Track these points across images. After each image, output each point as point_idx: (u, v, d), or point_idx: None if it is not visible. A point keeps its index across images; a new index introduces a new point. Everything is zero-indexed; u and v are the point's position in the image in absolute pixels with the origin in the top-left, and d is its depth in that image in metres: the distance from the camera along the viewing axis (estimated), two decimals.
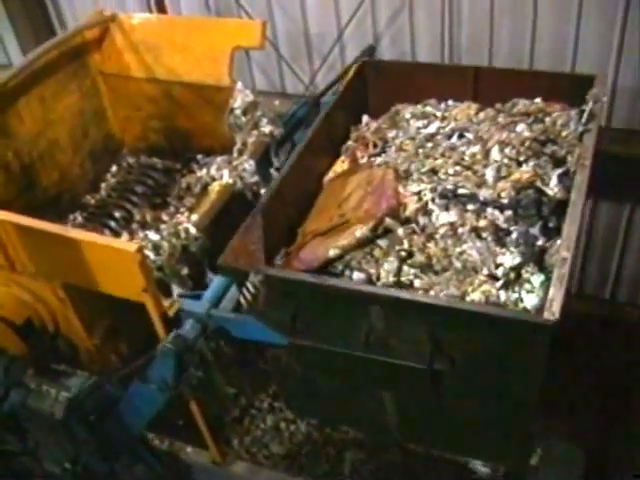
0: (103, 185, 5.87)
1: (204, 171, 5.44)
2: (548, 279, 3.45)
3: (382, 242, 3.92)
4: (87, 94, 5.80)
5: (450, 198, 4.09)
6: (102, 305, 4.40)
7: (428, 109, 4.89)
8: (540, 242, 3.76)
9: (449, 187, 4.13)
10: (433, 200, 4.09)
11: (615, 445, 6.44)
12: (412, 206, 4.09)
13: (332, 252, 3.89)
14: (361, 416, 4.35)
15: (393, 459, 5.80)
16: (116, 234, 5.20)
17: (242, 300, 3.82)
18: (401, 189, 4.22)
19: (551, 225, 3.86)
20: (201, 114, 5.55)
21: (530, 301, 3.48)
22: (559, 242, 3.52)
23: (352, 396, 4.08)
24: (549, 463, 5.64)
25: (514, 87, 4.72)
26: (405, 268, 3.77)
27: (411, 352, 3.44)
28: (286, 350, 3.92)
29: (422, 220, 4.03)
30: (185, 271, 4.57)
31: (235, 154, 5.20)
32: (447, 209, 4.04)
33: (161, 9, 7.58)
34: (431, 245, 3.88)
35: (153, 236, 4.69)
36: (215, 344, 4.45)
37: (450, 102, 4.94)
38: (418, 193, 4.16)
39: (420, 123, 4.81)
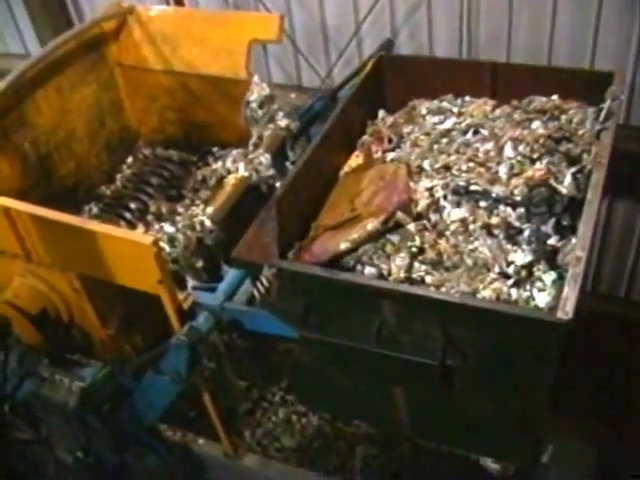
0: (119, 176, 5.88)
1: (220, 164, 5.44)
2: (560, 278, 3.45)
3: (394, 237, 3.91)
4: (104, 85, 5.81)
5: (462, 194, 4.07)
6: (117, 296, 4.42)
7: (445, 104, 4.87)
8: (552, 240, 3.74)
9: (461, 183, 4.11)
10: (445, 197, 4.08)
11: (628, 444, 6.43)
12: (424, 202, 4.08)
13: (343, 245, 3.89)
14: (372, 410, 4.34)
15: (404, 454, 5.80)
16: (131, 225, 5.21)
17: (256, 293, 3.82)
18: (413, 185, 4.21)
19: (565, 223, 3.84)
20: (218, 107, 5.55)
21: (542, 299, 3.47)
22: (574, 241, 3.51)
23: (363, 391, 4.07)
24: (560, 461, 5.63)
25: (531, 83, 4.69)
26: (416, 264, 3.77)
27: (423, 348, 3.43)
28: (298, 343, 3.93)
29: (434, 216, 4.03)
30: (200, 264, 4.57)
31: (251, 147, 5.19)
32: (459, 205, 4.03)
33: (179, 1, 7.59)
34: (442, 241, 3.88)
35: (168, 228, 4.69)
36: (228, 337, 4.47)
37: (467, 98, 4.91)
38: (430, 189, 4.15)
39: (436, 119, 4.79)
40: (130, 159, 6.01)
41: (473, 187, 4.06)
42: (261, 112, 5.17)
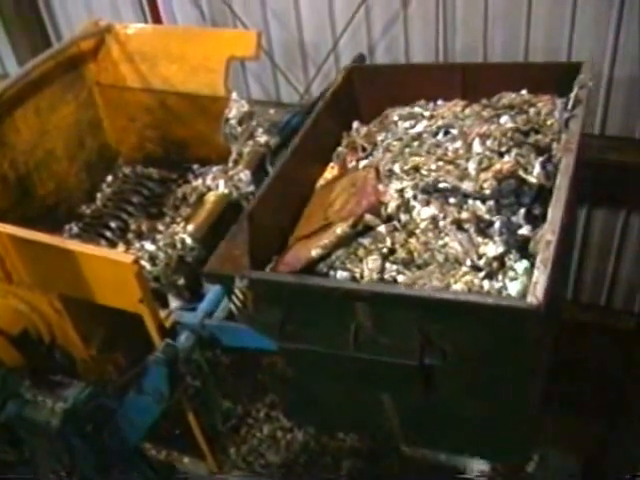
0: (99, 195, 5.88)
1: (200, 181, 5.44)
2: (533, 266, 3.38)
3: (365, 241, 3.90)
4: (83, 104, 5.81)
5: (431, 193, 4.05)
6: (99, 316, 4.39)
7: (416, 110, 4.85)
8: (524, 230, 3.71)
9: (430, 182, 4.10)
10: (415, 197, 4.05)
11: (613, 452, 6.45)
12: (393, 203, 4.05)
13: (314, 252, 3.87)
14: (361, 420, 4.31)
15: (390, 467, 5.80)
16: (112, 244, 5.20)
17: (232, 307, 3.81)
18: (383, 188, 4.19)
19: (536, 213, 3.81)
20: (197, 124, 5.56)
21: (514, 288, 3.41)
22: (545, 227, 3.46)
23: (349, 399, 4.06)
24: (545, 470, 5.65)
25: (502, 81, 4.68)
26: (388, 265, 3.74)
27: (401, 349, 3.42)
28: (279, 356, 3.94)
29: (404, 217, 4.00)
30: (181, 282, 4.57)
31: (231, 164, 5.20)
32: (428, 204, 4.00)
33: (156, 19, 7.59)
34: (413, 240, 3.85)
35: (149, 246, 4.69)
36: (212, 354, 4.46)
37: (440, 102, 4.91)
38: (400, 191, 4.12)
39: (407, 124, 4.77)
40: (110, 178, 6.00)
41: (442, 185, 4.04)
42: (240, 129, 5.19)
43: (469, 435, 3.95)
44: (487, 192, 3.89)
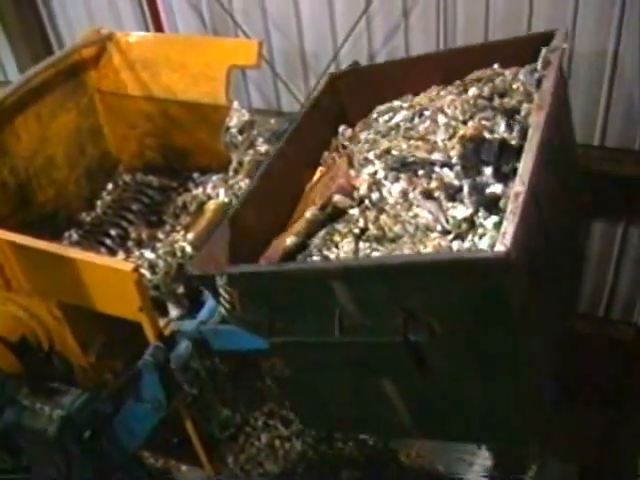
0: (99, 203, 5.89)
1: (200, 189, 5.45)
2: (502, 221, 3.26)
3: (339, 226, 3.91)
4: (84, 112, 5.83)
5: (400, 169, 4.07)
6: (98, 323, 4.40)
7: (395, 103, 4.81)
8: (493, 189, 3.66)
9: (399, 158, 4.12)
10: (386, 177, 4.06)
11: (612, 462, 6.44)
12: (364, 185, 4.06)
13: (289, 240, 3.89)
14: (371, 415, 4.17)
15: (389, 476, 5.79)
16: (112, 252, 5.21)
17: (221, 309, 3.80)
18: (355, 173, 4.21)
19: (506, 170, 3.76)
20: (197, 132, 5.58)
21: (483, 244, 3.38)
22: (516, 180, 3.35)
23: (353, 394, 3.95)
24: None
25: (484, 61, 4.62)
26: (361, 244, 3.75)
27: (387, 328, 3.34)
28: (271, 354, 3.93)
29: (374, 196, 4.00)
30: (181, 290, 4.58)
31: (231, 173, 5.22)
32: (397, 180, 4.01)
33: (158, 27, 7.61)
34: (383, 216, 3.83)
35: (149, 255, 4.70)
36: (210, 362, 4.47)
37: (422, 94, 4.85)
38: (373, 174, 4.13)
39: (387, 117, 4.74)
40: (110, 185, 6.01)
41: (411, 159, 4.05)
42: (241, 138, 5.21)
43: (476, 419, 3.81)
44: (454, 159, 3.87)
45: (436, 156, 3.97)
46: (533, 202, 3.31)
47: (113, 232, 5.41)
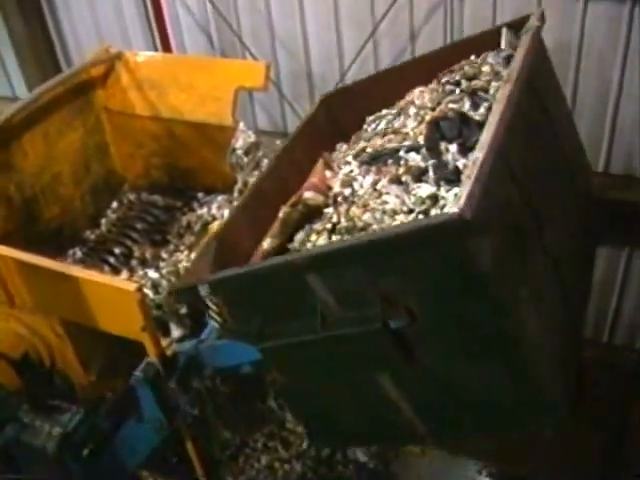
0: (103, 221, 5.91)
1: (205, 209, 5.48)
2: None
3: (316, 225, 3.91)
4: (91, 130, 5.87)
5: (370, 162, 4.09)
6: (100, 342, 4.40)
7: (383, 112, 4.81)
8: (460, 164, 3.63)
9: (371, 152, 4.16)
10: (359, 172, 4.09)
11: None
12: (338, 183, 4.10)
13: (266, 244, 3.89)
14: (378, 420, 4.04)
15: None
16: (115, 270, 5.22)
17: (213, 323, 3.81)
18: (332, 174, 4.26)
19: (470, 144, 3.69)
20: (203, 153, 5.60)
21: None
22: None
23: (352, 395, 3.86)
24: None
25: (466, 56, 4.60)
26: (334, 238, 3.73)
27: (368, 317, 3.28)
28: (266, 362, 3.84)
29: (347, 191, 4.01)
30: (184, 310, 4.58)
31: (236, 194, 5.23)
32: (368, 172, 4.02)
33: (166, 47, 7.67)
34: (353, 208, 3.83)
35: (152, 274, 4.71)
36: (211, 383, 4.46)
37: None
38: (348, 173, 4.16)
39: (374, 125, 4.74)
40: (115, 204, 6.04)
41: (381, 152, 4.09)
42: (247, 159, 5.22)
43: (480, 407, 3.66)
44: (421, 143, 3.90)
45: (406, 144, 4.01)
46: (503, 170, 3.28)
47: (117, 250, 5.43)
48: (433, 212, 3.46)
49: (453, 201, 3.27)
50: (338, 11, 6.93)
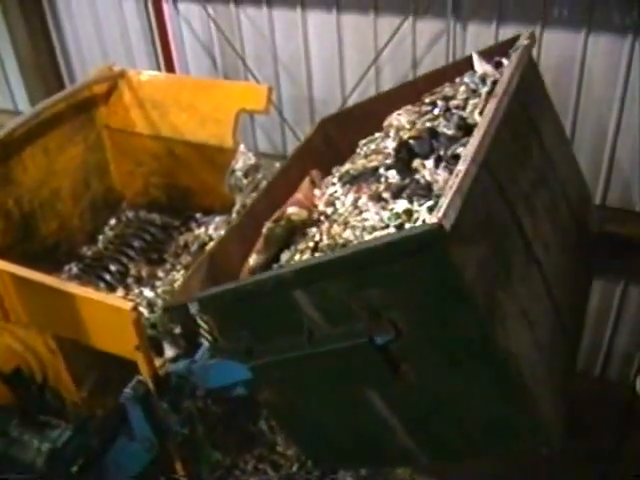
0: (101, 237, 5.92)
1: (202, 229, 5.49)
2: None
3: (300, 245, 3.93)
4: (91, 147, 5.89)
5: (352, 182, 4.16)
6: (93, 359, 4.39)
7: (376, 134, 4.84)
8: (438, 177, 3.69)
9: (353, 173, 4.23)
10: (342, 192, 4.15)
11: None
12: (322, 203, 4.15)
13: (252, 260, 3.92)
14: (370, 440, 3.98)
15: None
16: (111, 288, 5.22)
17: (204, 342, 3.85)
18: (320, 193, 4.30)
19: (446, 157, 3.81)
20: (203, 173, 5.62)
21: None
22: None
23: (343, 412, 3.84)
24: None
25: (456, 77, 4.71)
26: (316, 255, 3.76)
27: (354, 333, 3.28)
28: (256, 381, 3.84)
29: (329, 210, 4.06)
30: (178, 330, 4.57)
31: (234, 215, 5.24)
32: (349, 191, 4.08)
33: (169, 67, 7.71)
34: (335, 226, 3.87)
35: (148, 293, 4.72)
36: (203, 404, 4.44)
37: None
38: (333, 193, 4.22)
39: (366, 147, 4.77)
40: (113, 221, 6.05)
41: (363, 171, 4.18)
42: (246, 181, 5.23)
43: (471, 424, 3.59)
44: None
45: (387, 163, 4.10)
46: (489, 184, 3.33)
47: (113, 268, 5.43)
48: (407, 226, 3.50)
49: (428, 216, 3.33)
50: (341, 37, 6.98)
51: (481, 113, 3.96)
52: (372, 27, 6.77)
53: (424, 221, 3.38)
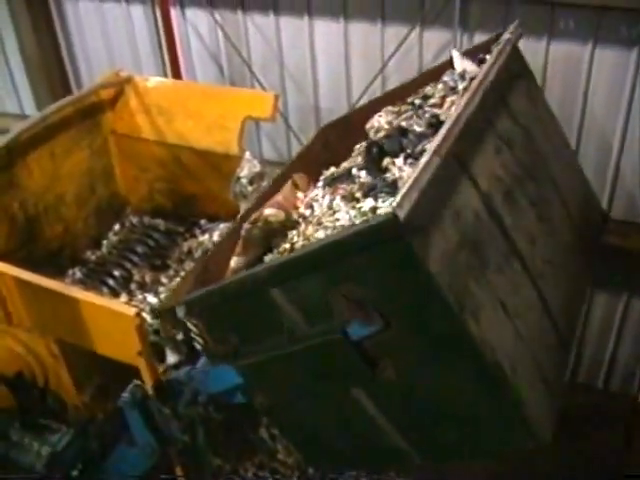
0: (105, 242, 5.92)
1: (206, 236, 5.49)
2: None
3: (281, 248, 3.94)
4: (97, 152, 5.90)
5: (330, 183, 4.21)
6: (95, 364, 4.39)
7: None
8: (405, 174, 3.73)
9: (334, 175, 4.28)
10: (323, 195, 4.16)
11: None
12: (302, 206, 4.18)
13: (233, 262, 3.94)
14: (362, 442, 3.96)
15: None
16: (114, 293, 5.22)
17: (197, 345, 3.85)
18: (303, 196, 4.33)
19: (415, 154, 3.87)
20: (208, 180, 5.63)
21: None
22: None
23: (332, 412, 3.83)
24: None
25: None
26: None
27: (332, 328, 3.28)
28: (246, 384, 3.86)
29: (307, 212, 4.09)
30: (180, 336, 4.57)
31: None
32: (326, 193, 4.12)
33: (176, 73, 7.72)
34: (309, 227, 3.90)
35: (151, 299, 4.72)
36: (204, 410, 4.44)
37: None
38: (314, 196, 4.24)
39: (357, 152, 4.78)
40: (117, 226, 6.06)
41: (341, 172, 4.24)
42: (251, 188, 5.23)
43: (459, 421, 3.51)
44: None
45: (357, 163, 4.17)
46: (459, 175, 3.35)
47: (117, 273, 5.43)
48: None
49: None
50: (348, 46, 7.00)
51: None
52: (379, 36, 6.80)
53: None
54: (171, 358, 4.50)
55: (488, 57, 4.30)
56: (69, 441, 4.32)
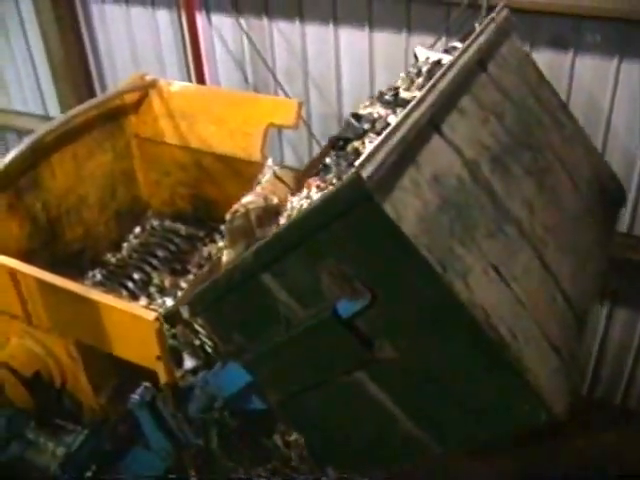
0: (125, 245, 5.95)
1: None
2: None
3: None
4: (120, 155, 5.92)
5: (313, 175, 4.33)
6: (112, 366, 4.40)
7: None
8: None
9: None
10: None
11: None
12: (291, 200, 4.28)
13: (224, 256, 4.02)
14: (377, 436, 3.87)
15: None
16: (133, 296, 5.24)
17: (207, 348, 3.92)
18: (291, 197, 4.38)
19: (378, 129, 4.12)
20: (229, 185, 5.62)
21: None
22: None
23: (341, 403, 3.77)
24: None
25: None
26: None
27: (320, 311, 3.28)
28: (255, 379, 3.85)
29: (289, 205, 4.21)
30: (198, 342, 4.58)
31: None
32: (305, 185, 4.24)
33: (200, 79, 7.76)
34: (285, 219, 4.01)
35: (170, 303, 4.71)
36: (219, 415, 4.44)
37: None
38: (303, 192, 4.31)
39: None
40: (138, 229, 6.08)
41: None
42: None
43: (467, 399, 3.35)
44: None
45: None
46: (437, 141, 3.37)
47: (136, 276, 5.45)
48: None
49: None
50: (373, 55, 7.01)
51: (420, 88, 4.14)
52: (404, 46, 6.79)
53: None
54: (189, 363, 4.50)
55: (458, 44, 4.55)
56: (82, 441, 4.34)
